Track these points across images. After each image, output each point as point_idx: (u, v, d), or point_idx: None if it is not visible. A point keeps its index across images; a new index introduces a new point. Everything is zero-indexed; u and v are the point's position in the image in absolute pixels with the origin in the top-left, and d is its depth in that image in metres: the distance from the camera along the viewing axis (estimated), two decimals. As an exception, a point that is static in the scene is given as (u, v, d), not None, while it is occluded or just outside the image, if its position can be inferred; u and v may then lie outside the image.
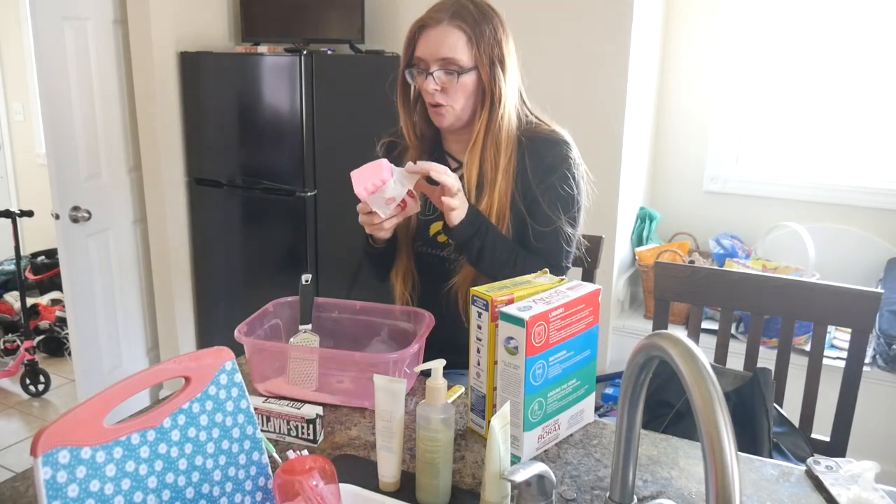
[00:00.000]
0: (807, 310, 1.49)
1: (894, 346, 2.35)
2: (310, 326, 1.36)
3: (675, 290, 1.61)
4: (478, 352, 1.15)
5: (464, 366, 1.20)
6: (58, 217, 2.59)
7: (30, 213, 3.28)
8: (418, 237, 1.53)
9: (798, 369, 1.54)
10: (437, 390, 0.99)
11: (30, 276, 4.01)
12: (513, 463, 1.05)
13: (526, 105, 1.50)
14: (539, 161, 1.43)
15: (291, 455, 0.88)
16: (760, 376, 1.37)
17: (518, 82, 1.47)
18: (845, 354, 1.48)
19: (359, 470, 1.06)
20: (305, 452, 0.89)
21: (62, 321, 3.64)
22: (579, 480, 1.05)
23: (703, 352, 0.73)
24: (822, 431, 1.51)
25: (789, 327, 1.51)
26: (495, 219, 1.42)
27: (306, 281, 1.36)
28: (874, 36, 2.60)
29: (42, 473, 0.71)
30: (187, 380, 0.85)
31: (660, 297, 1.62)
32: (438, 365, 1.00)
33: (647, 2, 2.64)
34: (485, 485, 0.94)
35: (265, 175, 2.75)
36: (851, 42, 2.64)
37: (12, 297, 3.93)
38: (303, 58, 2.54)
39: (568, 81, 2.63)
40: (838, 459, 1.08)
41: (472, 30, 1.37)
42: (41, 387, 3.29)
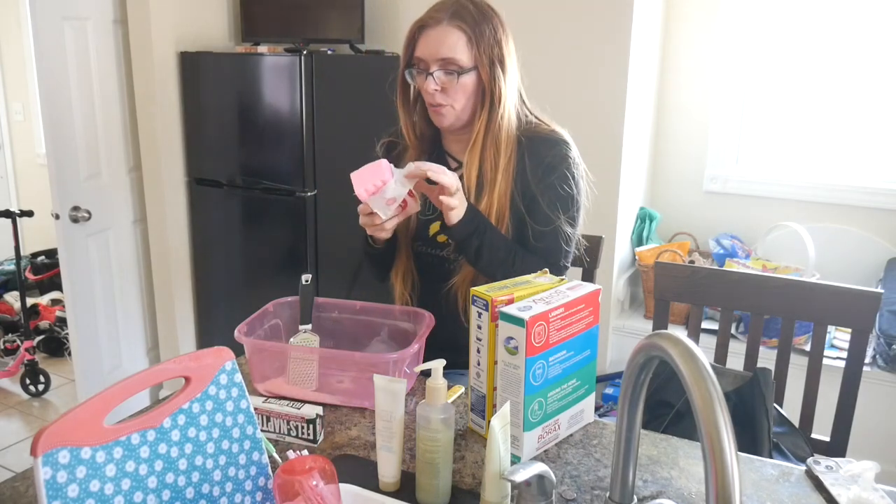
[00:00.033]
0: (807, 310, 1.49)
1: (894, 346, 2.35)
2: (310, 326, 1.36)
3: (675, 290, 1.61)
4: (478, 352, 1.15)
5: (464, 366, 1.20)
6: (58, 217, 2.59)
7: (30, 213, 3.28)
8: (418, 237, 1.53)
9: (798, 369, 1.54)
10: (437, 390, 0.99)
11: (30, 276, 4.01)
12: (513, 463, 1.05)
13: (526, 105, 1.50)
14: (539, 161, 1.43)
15: (291, 455, 0.88)
16: (760, 376, 1.37)
17: (518, 82, 1.46)
18: (845, 354, 1.48)
19: (359, 470, 1.06)
20: (305, 452, 0.89)
21: (62, 321, 3.64)
22: (579, 480, 1.05)
23: (703, 352, 0.73)
24: (822, 431, 1.51)
25: (789, 327, 1.51)
26: (495, 219, 1.42)
27: (306, 281, 1.36)
28: (874, 36, 2.60)
29: (42, 473, 0.71)
30: (187, 380, 0.85)
31: (660, 297, 1.62)
32: (438, 365, 1.00)
33: (647, 2, 2.64)
34: (485, 485, 0.94)
35: (265, 175, 2.75)
36: (851, 42, 2.64)
37: (12, 297, 3.93)
38: (303, 58, 2.55)
39: (568, 81, 2.63)
40: (838, 459, 1.08)
41: (471, 30, 1.37)
42: (41, 387, 3.29)
